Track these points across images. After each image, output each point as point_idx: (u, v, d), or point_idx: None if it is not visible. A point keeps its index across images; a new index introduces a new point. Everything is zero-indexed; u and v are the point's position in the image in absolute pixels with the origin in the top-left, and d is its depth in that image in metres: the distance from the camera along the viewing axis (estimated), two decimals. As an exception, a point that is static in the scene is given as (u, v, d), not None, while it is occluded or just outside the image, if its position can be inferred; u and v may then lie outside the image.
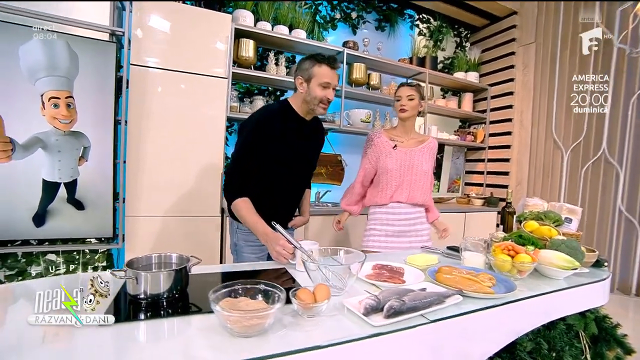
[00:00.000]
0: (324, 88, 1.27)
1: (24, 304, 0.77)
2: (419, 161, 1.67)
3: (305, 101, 1.31)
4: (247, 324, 0.63)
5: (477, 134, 3.54)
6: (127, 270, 0.80)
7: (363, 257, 0.95)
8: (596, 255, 1.22)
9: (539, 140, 3.26)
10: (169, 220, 2.09)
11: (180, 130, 2.09)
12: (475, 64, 3.56)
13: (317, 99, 1.28)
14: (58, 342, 0.64)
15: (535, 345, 0.95)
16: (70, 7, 1.82)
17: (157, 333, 0.69)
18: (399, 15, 3.37)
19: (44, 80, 1.69)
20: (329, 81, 1.26)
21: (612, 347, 1.12)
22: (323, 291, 0.76)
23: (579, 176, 3.07)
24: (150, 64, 1.99)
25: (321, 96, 1.27)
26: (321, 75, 1.26)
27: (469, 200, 3.43)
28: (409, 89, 1.64)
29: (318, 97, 1.27)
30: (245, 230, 1.39)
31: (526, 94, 3.34)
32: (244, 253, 1.40)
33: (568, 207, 1.59)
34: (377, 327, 0.71)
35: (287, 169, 1.38)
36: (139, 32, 1.95)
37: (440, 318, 0.79)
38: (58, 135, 1.75)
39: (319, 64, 1.27)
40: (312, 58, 1.28)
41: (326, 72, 1.26)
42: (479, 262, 1.16)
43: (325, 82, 1.26)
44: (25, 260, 1.84)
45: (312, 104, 1.30)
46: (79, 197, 1.82)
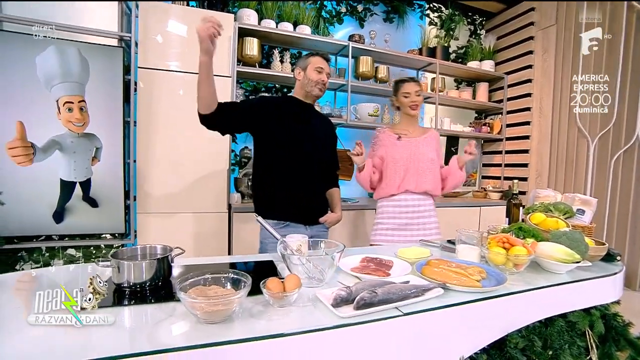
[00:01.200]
0: (318, 73, 1.46)
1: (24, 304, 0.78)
2: (424, 150, 1.68)
3: (303, 85, 1.49)
4: (210, 309, 0.65)
5: (494, 125, 3.38)
6: (112, 260, 0.84)
7: (341, 248, 0.94)
8: (606, 248, 1.13)
9: (561, 129, 3.05)
10: (178, 217, 2.17)
11: (187, 130, 2.16)
12: (490, 52, 3.40)
13: (313, 81, 1.46)
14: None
15: (527, 342, 0.90)
16: (80, 15, 1.93)
17: (128, 319, 0.72)
18: (407, 6, 3.28)
19: (59, 86, 1.81)
20: (322, 66, 1.47)
21: (622, 347, 1.04)
22: (293, 281, 0.76)
23: (609, 167, 2.85)
24: (157, 67, 2.07)
25: (317, 79, 1.46)
26: (315, 62, 1.47)
27: (486, 194, 3.28)
28: (416, 85, 1.67)
29: (314, 79, 1.46)
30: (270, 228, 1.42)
31: (546, 80, 3.14)
32: (269, 250, 1.43)
33: (581, 198, 1.48)
34: (343, 318, 0.71)
35: (292, 151, 1.44)
36: (145, 36, 2.03)
37: (415, 311, 0.77)
38: (73, 138, 1.87)
39: (312, 55, 1.50)
40: (307, 54, 1.53)
41: (319, 60, 1.48)
42: (473, 255, 1.11)
43: (319, 67, 1.46)
44: (48, 254, 1.99)
45: (309, 86, 1.47)
46: (93, 195, 1.94)
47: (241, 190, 2.47)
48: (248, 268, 1.11)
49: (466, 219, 2.92)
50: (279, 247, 0.95)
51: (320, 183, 1.56)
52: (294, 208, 1.44)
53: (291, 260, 0.92)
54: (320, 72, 1.47)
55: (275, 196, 1.45)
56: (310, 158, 1.48)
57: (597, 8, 2.74)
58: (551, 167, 3.13)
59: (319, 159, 1.53)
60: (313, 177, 1.50)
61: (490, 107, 3.46)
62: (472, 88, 3.45)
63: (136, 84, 2.03)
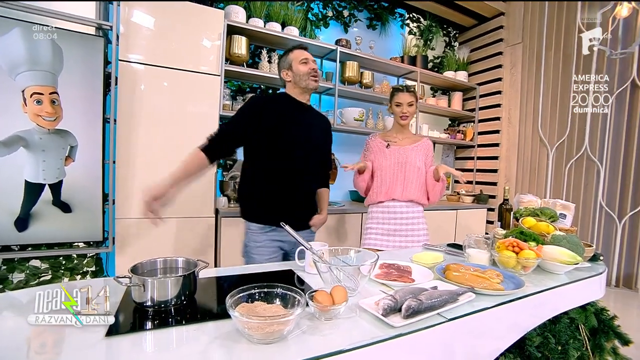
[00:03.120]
0: (305, 64, 1.40)
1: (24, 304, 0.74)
2: (412, 158, 1.69)
3: (295, 83, 1.43)
4: (268, 330, 0.61)
5: (467, 132, 3.61)
6: (133, 276, 0.75)
7: (374, 257, 0.93)
8: (593, 249, 1.26)
9: (526, 138, 3.35)
10: (162, 223, 2.01)
11: (172, 129, 2.02)
12: (464, 64, 3.62)
13: (304, 74, 1.40)
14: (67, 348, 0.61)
15: (543, 339, 0.97)
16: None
17: (168, 343, 0.66)
18: (389, 14, 3.38)
19: (25, 74, 1.60)
20: (306, 57, 1.41)
21: (610, 338, 1.16)
22: (341, 293, 0.74)
23: (564, 173, 3.18)
24: (140, 61, 1.91)
25: (306, 70, 1.40)
26: (297, 56, 1.41)
27: (459, 198, 3.49)
28: (410, 96, 1.67)
29: (305, 72, 1.40)
30: (255, 231, 1.37)
31: (514, 93, 3.42)
32: (253, 255, 1.37)
33: (562, 203, 1.63)
34: (397, 328, 0.70)
35: (286, 156, 1.38)
36: (128, 27, 1.86)
37: (456, 316, 0.79)
38: (42, 134, 1.65)
39: (291, 51, 1.44)
40: (285, 53, 1.46)
41: (300, 52, 1.42)
42: (483, 259, 1.17)
43: (303, 59, 1.41)
44: (6, 268, 1.74)
45: (302, 81, 1.41)
46: (66, 199, 1.73)
47: (227, 194, 2.37)
48: (269, 278, 1.06)
49: (443, 222, 3.07)
50: (311, 257, 0.92)
51: (312, 185, 1.53)
52: (284, 213, 1.37)
53: (322, 269, 0.90)
54: (307, 62, 1.41)
55: (264, 200, 1.38)
56: (304, 162, 1.43)
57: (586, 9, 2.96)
58: (518, 173, 3.42)
59: (314, 161, 1.50)
60: (306, 180, 1.47)
61: (464, 115, 3.69)
62: (447, 96, 3.65)
63: (117, 78, 1.85)
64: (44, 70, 1.63)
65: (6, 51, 1.55)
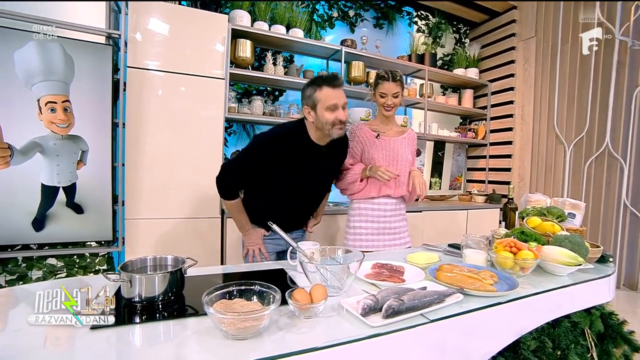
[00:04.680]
0: (332, 111, 1.20)
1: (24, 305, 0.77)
2: (402, 151, 1.58)
3: (317, 128, 1.25)
4: (241, 325, 0.62)
5: (478, 130, 3.51)
6: (122, 273, 0.79)
7: (361, 256, 0.93)
8: (601, 250, 1.20)
9: (541, 135, 3.22)
10: (169, 223, 2.08)
11: (179, 132, 2.08)
12: (475, 60, 3.53)
13: (328, 124, 1.21)
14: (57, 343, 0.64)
15: (539, 343, 0.93)
16: (65, 11, 1.82)
17: (152, 337, 0.68)
18: (397, 13, 3.35)
19: (40, 85, 1.69)
20: (335, 102, 1.19)
21: (619, 344, 1.10)
22: (320, 291, 0.74)
23: (582, 171, 3.03)
24: (147, 66, 1.98)
25: (332, 119, 1.20)
26: (325, 98, 1.19)
27: (471, 198, 3.40)
28: (395, 85, 1.51)
29: (329, 121, 1.20)
30: None
31: (527, 89, 3.30)
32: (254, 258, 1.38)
33: (571, 202, 1.56)
34: (375, 328, 0.70)
35: (297, 192, 1.35)
36: (136, 35, 1.94)
37: (440, 317, 0.77)
38: (56, 140, 1.75)
39: (319, 87, 1.20)
40: (312, 84, 1.23)
41: (329, 94, 1.19)
42: (480, 259, 1.14)
43: (332, 105, 1.19)
44: (25, 265, 1.84)
45: (325, 129, 1.23)
46: (78, 200, 1.82)
47: (234, 195, 2.41)
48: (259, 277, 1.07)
49: (454, 223, 3.00)
50: (299, 256, 0.93)
51: (316, 204, 1.51)
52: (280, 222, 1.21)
53: (309, 268, 0.91)
54: (335, 109, 1.19)
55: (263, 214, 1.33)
56: (309, 196, 1.42)
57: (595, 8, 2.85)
58: (532, 172, 3.29)
59: (320, 193, 1.49)
60: (311, 204, 1.47)
61: (475, 113, 3.59)
62: (457, 94, 3.56)
63: (125, 84, 1.93)
64: (57, 80, 1.72)
65: (22, 63, 1.65)
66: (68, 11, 1.86)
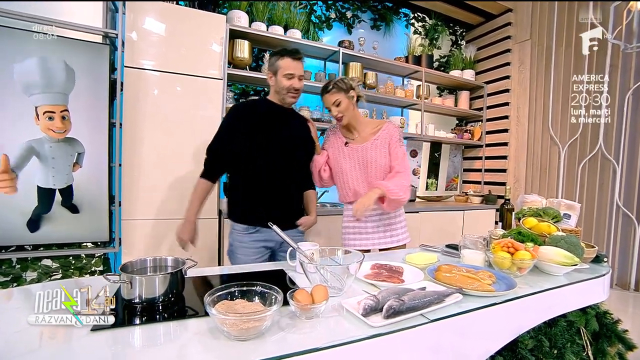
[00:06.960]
0: (289, 79, 1.37)
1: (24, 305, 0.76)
2: (372, 157, 1.52)
3: (276, 92, 1.43)
4: (243, 326, 0.62)
5: (474, 131, 3.54)
6: (122, 274, 0.78)
7: (361, 257, 0.93)
8: (595, 250, 1.22)
9: (536, 137, 3.26)
10: (166, 223, 2.07)
11: (176, 133, 2.07)
12: (471, 62, 3.56)
13: (284, 89, 1.38)
14: (57, 343, 0.63)
15: (536, 342, 0.94)
16: (62, 10, 1.80)
17: (153, 338, 0.68)
18: (394, 14, 3.37)
19: (39, 95, 1.67)
20: (292, 72, 1.36)
21: (613, 343, 1.12)
22: (321, 292, 0.75)
23: (576, 172, 3.08)
24: (144, 66, 1.97)
25: (287, 86, 1.38)
26: (284, 67, 1.37)
27: (467, 198, 3.42)
28: (331, 95, 1.46)
29: (285, 86, 1.38)
30: (240, 232, 1.39)
31: (522, 91, 3.34)
32: (238, 255, 1.39)
33: (566, 203, 1.59)
34: (376, 328, 0.70)
35: (270, 155, 1.39)
36: (133, 34, 1.92)
37: (440, 317, 0.78)
38: (52, 143, 1.73)
39: (282, 57, 1.38)
40: (277, 53, 1.40)
41: (288, 64, 1.37)
42: (478, 259, 1.15)
43: (288, 74, 1.36)
44: (20, 266, 1.82)
45: (281, 93, 1.40)
46: (74, 201, 1.80)
47: (231, 195, 2.40)
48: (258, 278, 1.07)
49: (450, 224, 3.02)
50: (298, 257, 0.93)
51: (296, 186, 1.52)
52: (267, 212, 1.37)
53: (309, 269, 0.91)
54: (291, 78, 1.37)
55: (247, 201, 1.41)
56: (286, 162, 1.43)
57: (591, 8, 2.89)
58: (527, 173, 3.33)
59: (296, 162, 1.49)
60: (289, 181, 1.46)
61: (471, 115, 3.63)
62: (454, 96, 3.59)
63: (122, 84, 1.92)
64: (57, 92, 1.70)
65: (23, 76, 1.63)
66: (64, 10, 1.84)
